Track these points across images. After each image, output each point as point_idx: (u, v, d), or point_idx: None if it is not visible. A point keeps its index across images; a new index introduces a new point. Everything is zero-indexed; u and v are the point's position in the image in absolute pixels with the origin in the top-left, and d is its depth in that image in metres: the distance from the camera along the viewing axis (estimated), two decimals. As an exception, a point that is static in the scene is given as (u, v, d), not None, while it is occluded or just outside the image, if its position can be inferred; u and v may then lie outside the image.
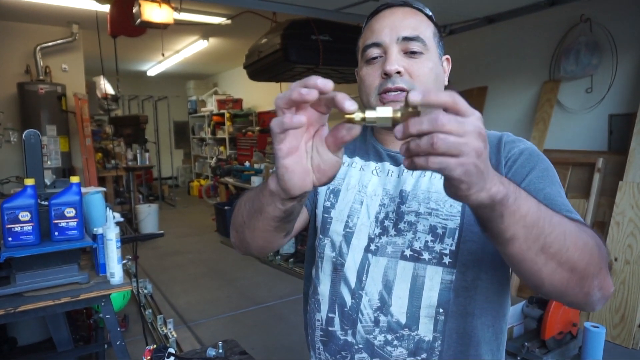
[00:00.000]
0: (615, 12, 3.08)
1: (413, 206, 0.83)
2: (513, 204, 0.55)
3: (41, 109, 4.77)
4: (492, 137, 0.86)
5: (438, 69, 0.86)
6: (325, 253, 0.91)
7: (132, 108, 9.95)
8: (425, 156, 0.50)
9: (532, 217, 0.57)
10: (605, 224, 2.98)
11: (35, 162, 1.71)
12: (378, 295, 0.83)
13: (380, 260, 0.84)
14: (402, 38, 0.82)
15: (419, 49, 0.82)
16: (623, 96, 3.09)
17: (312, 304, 0.94)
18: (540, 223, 0.58)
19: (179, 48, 6.56)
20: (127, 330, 3.04)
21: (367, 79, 0.86)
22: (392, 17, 0.85)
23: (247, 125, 8.11)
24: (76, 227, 1.57)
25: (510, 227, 0.57)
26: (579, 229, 0.64)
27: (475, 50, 3.96)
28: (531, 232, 0.58)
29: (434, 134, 0.48)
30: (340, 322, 0.87)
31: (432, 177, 0.84)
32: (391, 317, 0.82)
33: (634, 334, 2.69)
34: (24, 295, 1.51)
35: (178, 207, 8.25)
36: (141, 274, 4.25)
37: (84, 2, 4.05)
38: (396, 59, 0.82)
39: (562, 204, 0.74)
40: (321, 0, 3.24)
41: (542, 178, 0.78)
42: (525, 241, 0.58)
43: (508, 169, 0.80)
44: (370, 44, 0.85)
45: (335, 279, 0.89)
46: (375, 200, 0.88)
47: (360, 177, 0.91)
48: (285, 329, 3.14)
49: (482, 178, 0.51)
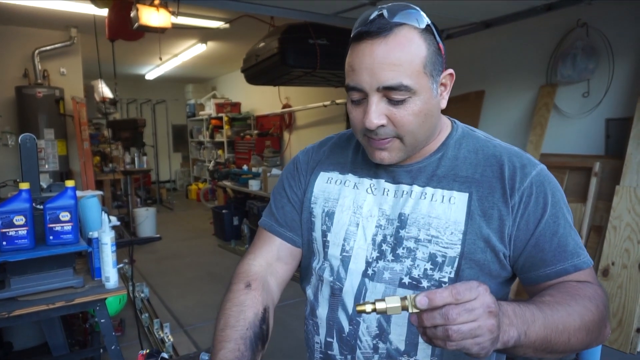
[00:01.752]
0: (611, 17, 3.09)
1: (413, 232, 0.81)
2: (524, 339, 0.62)
3: (39, 113, 4.76)
4: (492, 156, 0.82)
5: (429, 106, 0.77)
6: (324, 277, 0.90)
7: (130, 111, 9.95)
8: (442, 340, 0.56)
9: (540, 340, 0.65)
10: (602, 228, 2.98)
11: (31, 166, 1.71)
12: (376, 322, 0.82)
13: (378, 287, 0.83)
14: (382, 87, 0.74)
15: (401, 96, 0.74)
16: (620, 100, 3.10)
17: (311, 325, 0.93)
18: (548, 338, 0.65)
19: (177, 52, 6.56)
20: (123, 335, 3.02)
21: (352, 120, 0.82)
22: (370, 57, 0.73)
23: (245, 129, 8.12)
24: (71, 231, 1.56)
25: (521, 351, 0.65)
26: (582, 313, 0.70)
27: (473, 54, 3.97)
28: (539, 348, 0.66)
29: (448, 326, 0.54)
30: (339, 347, 0.86)
31: (432, 200, 0.82)
32: (390, 345, 0.81)
33: (631, 338, 2.68)
34: (18, 300, 1.50)
35: (176, 211, 8.24)
36: (138, 277, 4.23)
37: (82, 7, 4.05)
38: (376, 111, 0.75)
39: (574, 248, 0.78)
40: (319, 4, 3.25)
41: (555, 216, 0.78)
42: (534, 352, 0.66)
43: (524, 207, 0.78)
44: (352, 87, 0.78)
45: (333, 303, 0.88)
46: (371, 221, 0.85)
47: (354, 197, 0.89)
48: (283, 333, 3.13)
49: (495, 342, 0.58)
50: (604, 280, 2.81)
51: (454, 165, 0.83)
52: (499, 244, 0.78)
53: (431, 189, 0.82)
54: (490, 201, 0.79)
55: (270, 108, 7.35)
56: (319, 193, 0.93)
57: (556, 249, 0.77)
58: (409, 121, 0.76)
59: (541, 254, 0.77)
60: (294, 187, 0.97)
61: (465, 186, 0.81)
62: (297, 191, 0.96)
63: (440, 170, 0.84)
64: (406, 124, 0.76)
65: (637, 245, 2.75)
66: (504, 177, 0.79)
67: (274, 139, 7.29)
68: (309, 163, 0.98)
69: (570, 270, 0.76)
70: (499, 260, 0.79)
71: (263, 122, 7.81)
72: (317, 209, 0.92)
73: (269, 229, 0.96)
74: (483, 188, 0.80)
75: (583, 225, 3.06)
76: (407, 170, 0.85)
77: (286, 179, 0.99)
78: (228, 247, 5.39)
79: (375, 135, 0.78)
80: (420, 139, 0.81)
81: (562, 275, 0.76)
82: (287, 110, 6.86)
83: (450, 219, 0.79)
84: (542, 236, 0.77)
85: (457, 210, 0.79)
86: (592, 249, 3.00)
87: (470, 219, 0.78)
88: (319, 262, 0.92)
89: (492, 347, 0.57)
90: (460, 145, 0.86)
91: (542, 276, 0.77)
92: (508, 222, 0.78)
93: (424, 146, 0.84)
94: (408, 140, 0.79)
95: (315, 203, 0.93)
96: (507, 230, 0.78)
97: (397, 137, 0.78)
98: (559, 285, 0.76)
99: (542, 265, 0.77)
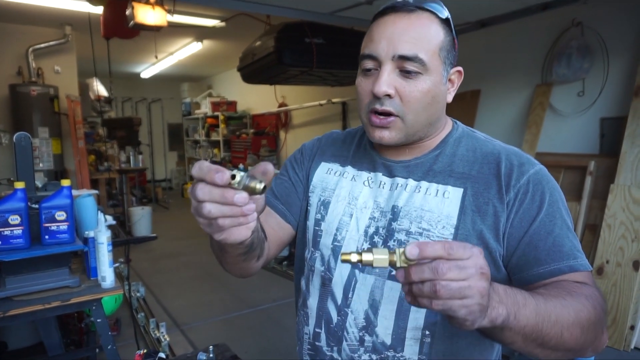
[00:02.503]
0: (606, 17, 3.11)
1: (404, 224, 0.81)
2: (513, 320, 0.58)
3: (33, 111, 4.73)
4: (490, 154, 0.82)
5: (437, 89, 0.78)
6: (316, 266, 0.90)
7: (125, 110, 9.90)
8: (428, 299, 0.52)
9: (530, 326, 0.61)
10: (597, 226, 3.00)
11: (26, 165, 1.70)
12: (364, 314, 0.82)
13: (368, 278, 0.82)
14: (398, 56, 0.75)
15: (415, 69, 0.75)
16: (614, 100, 3.12)
17: (301, 316, 0.93)
18: (539, 327, 0.61)
19: (173, 50, 6.54)
20: (119, 334, 3.01)
21: (360, 92, 0.81)
22: (392, 26, 0.76)
23: (241, 128, 8.11)
24: (67, 231, 1.56)
25: (509, 337, 0.61)
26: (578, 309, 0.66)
27: (468, 53, 3.97)
28: (529, 337, 0.62)
29: (436, 281, 0.51)
30: (326, 338, 0.86)
31: (426, 194, 0.81)
32: (376, 338, 0.81)
33: (625, 335, 2.71)
34: (13, 300, 1.49)
35: (172, 210, 8.21)
36: (134, 277, 4.22)
37: (77, 4, 4.03)
38: (387, 80, 0.76)
39: (570, 250, 0.75)
40: (315, 3, 3.24)
41: (552, 215, 0.76)
42: (523, 342, 0.62)
43: (519, 204, 0.77)
44: (366, 54, 0.78)
45: (323, 293, 0.88)
46: (365, 213, 0.85)
47: (351, 188, 0.89)
48: (279, 332, 3.13)
49: (484, 311, 0.54)
50: (599, 279, 2.83)
51: (450, 162, 0.83)
52: (493, 242, 0.77)
53: (426, 182, 0.82)
54: (486, 197, 0.78)
55: (266, 107, 7.35)
56: (317, 182, 0.94)
57: (551, 248, 0.74)
58: (416, 98, 0.77)
59: (535, 252, 0.75)
60: (297, 169, 0.99)
61: (461, 182, 0.80)
62: (299, 172, 0.98)
63: (437, 165, 0.84)
64: (412, 101, 0.77)
65: (631, 243, 2.77)
66: (500, 174, 0.79)
67: (270, 138, 7.28)
68: (313, 149, 1.00)
69: (565, 270, 0.73)
70: (493, 260, 0.77)
71: (259, 121, 7.81)
72: (314, 198, 0.93)
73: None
74: (479, 184, 0.79)
75: (578, 224, 3.08)
76: (404, 166, 0.86)
77: (290, 162, 1.01)
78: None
79: (379, 105, 0.77)
80: (422, 123, 0.80)
81: (556, 275, 0.73)
82: (283, 109, 6.86)
83: (442, 213, 0.79)
84: (536, 234, 0.75)
85: (451, 205, 0.79)
86: (587, 247, 3.02)
87: (463, 213, 0.78)
88: (309, 252, 0.93)
89: (480, 316, 0.53)
90: (459, 143, 0.86)
91: (535, 275, 0.74)
92: (502, 219, 0.76)
93: (422, 136, 0.83)
94: (409, 120, 0.78)
95: (312, 192, 0.94)
96: (501, 227, 0.77)
97: (400, 115, 0.78)
98: (554, 283, 0.73)
99: (536, 264, 0.75)
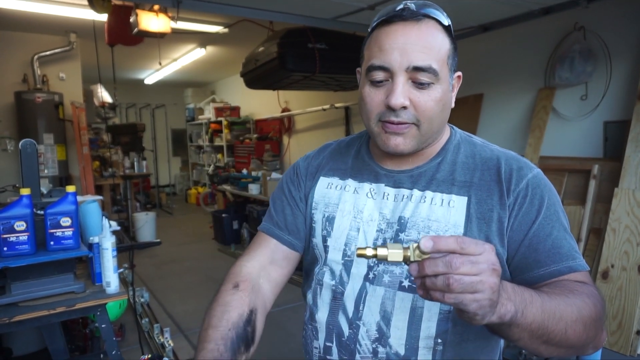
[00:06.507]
0: (608, 21, 3.11)
1: (412, 235, 0.81)
2: (520, 317, 0.61)
3: (38, 118, 4.77)
4: (489, 159, 0.83)
5: (446, 97, 0.79)
6: (324, 281, 0.90)
7: (129, 116, 9.95)
8: (441, 292, 0.54)
9: (537, 323, 0.63)
10: (602, 230, 2.99)
11: (32, 171, 1.71)
12: (376, 326, 0.82)
13: (378, 290, 0.83)
14: (412, 67, 0.75)
15: (428, 79, 0.75)
16: (617, 103, 3.11)
17: (310, 330, 0.93)
18: (545, 324, 0.64)
19: (177, 56, 6.58)
20: (123, 340, 3.02)
21: (369, 102, 0.80)
22: (404, 37, 0.75)
23: (244, 133, 8.12)
24: (72, 237, 1.57)
25: (517, 334, 0.63)
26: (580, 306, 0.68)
27: (471, 57, 3.98)
28: (535, 333, 0.64)
29: (450, 275, 0.52)
30: (338, 351, 0.86)
31: (432, 204, 0.82)
32: (390, 349, 0.81)
33: (631, 340, 2.68)
34: (19, 305, 1.50)
35: (175, 215, 8.23)
36: (138, 282, 4.23)
37: (82, 12, 4.07)
38: (402, 92, 0.75)
39: (568, 251, 0.77)
40: (318, 9, 3.26)
41: (550, 218, 0.78)
42: (529, 339, 0.64)
43: (518, 208, 0.78)
44: (377, 66, 0.77)
45: (333, 307, 0.88)
46: (372, 225, 0.85)
47: (355, 202, 0.89)
48: (283, 337, 3.13)
49: (494, 307, 0.56)
50: (604, 283, 2.82)
51: (452, 170, 0.84)
52: (499, 247, 0.78)
53: (431, 192, 0.83)
54: (489, 204, 0.79)
55: (269, 112, 7.37)
56: (319, 199, 0.93)
57: (550, 249, 0.76)
58: (431, 107, 0.77)
59: (535, 255, 0.77)
60: (294, 192, 0.97)
61: (464, 190, 0.81)
62: (297, 195, 0.97)
63: (440, 174, 0.84)
64: (427, 110, 0.77)
65: (636, 247, 2.75)
66: (501, 180, 0.80)
67: (273, 143, 7.29)
68: (308, 169, 0.98)
69: (565, 271, 0.76)
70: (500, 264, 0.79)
71: (262, 126, 7.82)
72: (318, 214, 0.92)
73: (267, 232, 0.96)
74: (481, 191, 0.80)
75: (582, 228, 3.06)
76: (408, 175, 0.86)
77: (286, 183, 1.00)
78: (228, 251, 5.39)
79: (394, 117, 0.77)
80: (435, 130, 0.81)
81: (556, 276, 0.76)
82: (287, 114, 6.87)
83: (449, 222, 0.79)
84: (535, 237, 0.77)
85: (457, 214, 0.80)
86: (591, 251, 3.00)
87: (469, 221, 0.79)
88: (317, 266, 0.93)
89: (490, 311, 0.55)
90: (458, 150, 0.87)
91: (535, 277, 0.77)
92: (505, 223, 0.78)
93: (430, 143, 0.84)
94: (424, 128, 0.79)
95: (315, 209, 0.93)
96: (504, 232, 0.78)
97: (415, 123, 0.78)
98: (555, 282, 0.75)
99: (536, 266, 0.77)
